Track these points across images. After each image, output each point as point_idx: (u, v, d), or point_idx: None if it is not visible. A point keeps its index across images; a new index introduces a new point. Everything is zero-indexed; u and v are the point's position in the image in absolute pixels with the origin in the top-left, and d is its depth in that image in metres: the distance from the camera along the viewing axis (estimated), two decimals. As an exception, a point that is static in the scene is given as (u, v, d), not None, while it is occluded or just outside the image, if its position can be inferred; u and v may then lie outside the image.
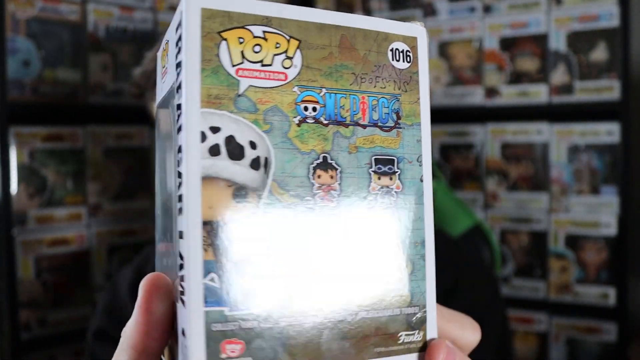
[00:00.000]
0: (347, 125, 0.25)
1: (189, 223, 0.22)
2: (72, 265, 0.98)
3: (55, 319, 0.96)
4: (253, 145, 0.23)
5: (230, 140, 0.22)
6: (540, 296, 1.15)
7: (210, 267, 0.22)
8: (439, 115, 1.18)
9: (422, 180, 0.26)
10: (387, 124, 0.26)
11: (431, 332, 0.26)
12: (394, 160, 0.26)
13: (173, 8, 1.10)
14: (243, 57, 0.23)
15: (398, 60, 0.26)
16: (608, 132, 1.10)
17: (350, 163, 0.25)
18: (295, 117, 0.24)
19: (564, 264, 1.13)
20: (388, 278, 0.25)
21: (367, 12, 1.32)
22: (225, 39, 0.23)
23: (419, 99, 0.27)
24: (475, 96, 1.20)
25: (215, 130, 0.22)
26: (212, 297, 0.22)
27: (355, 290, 0.24)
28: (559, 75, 1.13)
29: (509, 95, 1.17)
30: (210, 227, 0.22)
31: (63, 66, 0.96)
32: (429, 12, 1.25)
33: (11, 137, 0.91)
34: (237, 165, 0.22)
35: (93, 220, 1.01)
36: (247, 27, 0.23)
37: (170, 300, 0.24)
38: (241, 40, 0.23)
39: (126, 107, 1.02)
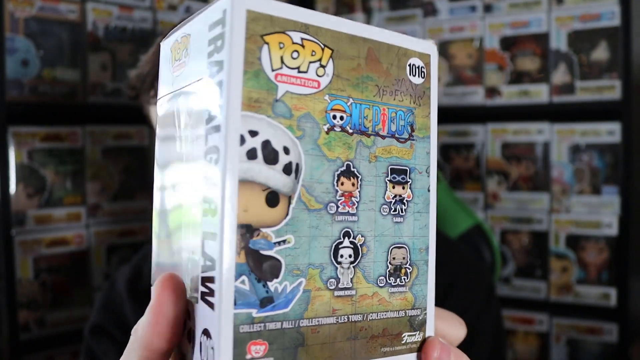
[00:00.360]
0: (368, 135, 0.26)
1: (225, 225, 0.22)
2: (71, 265, 0.98)
3: (54, 319, 0.96)
4: (286, 150, 0.23)
5: (266, 144, 0.23)
6: (541, 296, 1.15)
7: (241, 270, 0.22)
8: (439, 115, 1.18)
9: (429, 190, 0.28)
10: (402, 136, 0.27)
11: (429, 332, 0.28)
12: (406, 170, 0.27)
13: (173, 7, 1.09)
14: (282, 62, 0.23)
15: (414, 76, 0.28)
16: (609, 131, 1.10)
17: (369, 172, 0.26)
18: (324, 124, 0.24)
19: (565, 264, 1.13)
20: (397, 281, 0.27)
21: (367, 11, 1.32)
22: (267, 43, 0.23)
23: (429, 113, 0.28)
24: (476, 96, 1.20)
25: (253, 134, 0.22)
26: (241, 299, 0.22)
27: (367, 292, 0.26)
28: (559, 75, 1.13)
29: (510, 95, 1.17)
30: (244, 230, 0.22)
31: (62, 66, 0.96)
32: (430, 11, 1.24)
33: (10, 137, 0.90)
34: (272, 169, 0.23)
35: (92, 220, 1.00)
36: (287, 32, 0.23)
37: (184, 301, 0.24)
38: (281, 45, 0.23)
39: (125, 107, 1.02)
